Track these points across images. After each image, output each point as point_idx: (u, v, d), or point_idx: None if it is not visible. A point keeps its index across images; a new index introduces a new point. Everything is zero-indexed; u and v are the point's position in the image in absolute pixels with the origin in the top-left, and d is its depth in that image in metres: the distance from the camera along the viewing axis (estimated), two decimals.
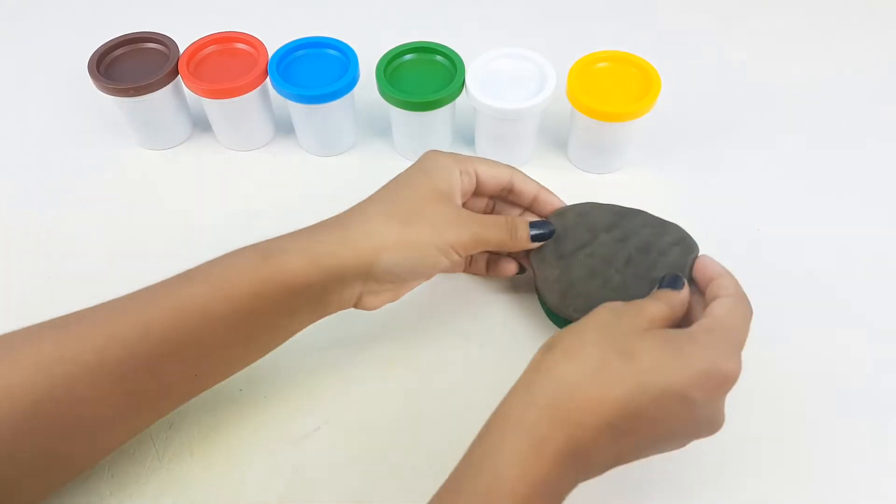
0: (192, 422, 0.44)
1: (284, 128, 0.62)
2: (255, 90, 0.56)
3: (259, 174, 0.59)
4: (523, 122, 0.55)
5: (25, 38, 0.72)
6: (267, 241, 0.40)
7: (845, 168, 0.58)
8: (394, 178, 0.44)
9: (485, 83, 0.55)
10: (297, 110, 0.57)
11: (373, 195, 0.43)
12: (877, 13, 0.72)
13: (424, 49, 0.57)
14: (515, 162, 0.58)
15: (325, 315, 0.42)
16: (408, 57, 0.58)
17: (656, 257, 0.44)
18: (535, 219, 0.46)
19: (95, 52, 0.57)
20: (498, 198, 0.49)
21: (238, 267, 0.39)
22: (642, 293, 0.43)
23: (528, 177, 0.48)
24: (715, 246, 0.53)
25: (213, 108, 0.58)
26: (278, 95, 0.56)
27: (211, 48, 0.59)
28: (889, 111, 0.63)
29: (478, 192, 0.46)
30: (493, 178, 0.46)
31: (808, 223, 0.55)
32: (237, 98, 0.56)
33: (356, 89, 0.57)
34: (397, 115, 0.56)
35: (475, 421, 0.44)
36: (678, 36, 0.70)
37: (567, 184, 0.57)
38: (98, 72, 0.56)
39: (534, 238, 0.45)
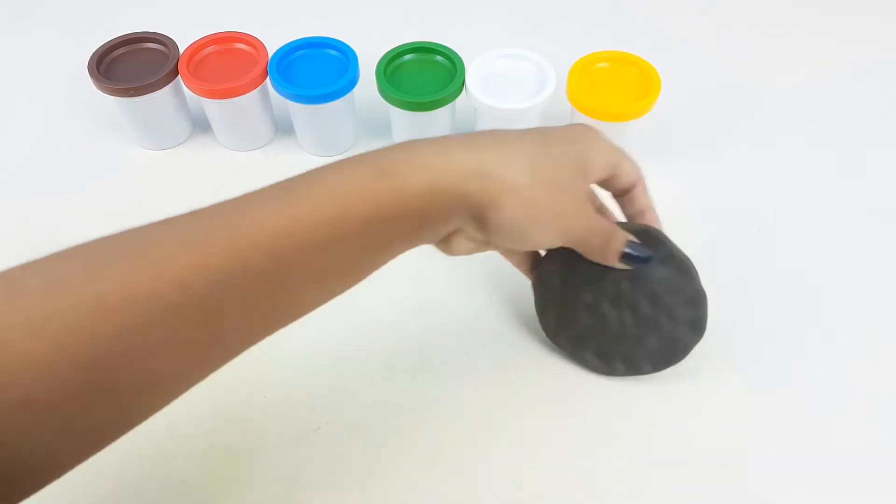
0: (193, 422, 0.44)
1: (284, 128, 0.62)
2: (255, 90, 0.56)
3: (259, 174, 0.59)
4: (523, 122, 0.55)
5: (25, 38, 0.72)
6: (377, 153, 0.34)
7: (845, 168, 0.58)
8: (554, 130, 0.38)
9: (485, 83, 0.55)
10: (297, 110, 0.57)
11: (513, 137, 0.37)
12: (877, 13, 0.72)
13: (424, 49, 0.57)
14: None
15: (414, 247, 0.36)
16: (408, 57, 0.58)
17: (662, 318, 0.42)
18: (630, 237, 0.40)
19: (95, 52, 0.57)
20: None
21: (350, 184, 0.33)
22: (637, 350, 0.43)
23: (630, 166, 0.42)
24: (715, 246, 0.53)
25: (213, 108, 0.58)
26: (278, 95, 0.56)
27: (211, 48, 0.59)
28: (890, 111, 0.63)
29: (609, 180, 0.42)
30: (613, 164, 0.40)
31: (808, 223, 0.54)
32: (237, 98, 0.56)
33: (356, 89, 0.57)
34: (397, 115, 0.56)
35: (475, 421, 0.45)
36: (678, 36, 0.70)
37: None
38: (98, 72, 0.56)
39: (624, 258, 0.40)
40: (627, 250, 0.39)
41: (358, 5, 0.74)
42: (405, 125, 0.57)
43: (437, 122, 0.56)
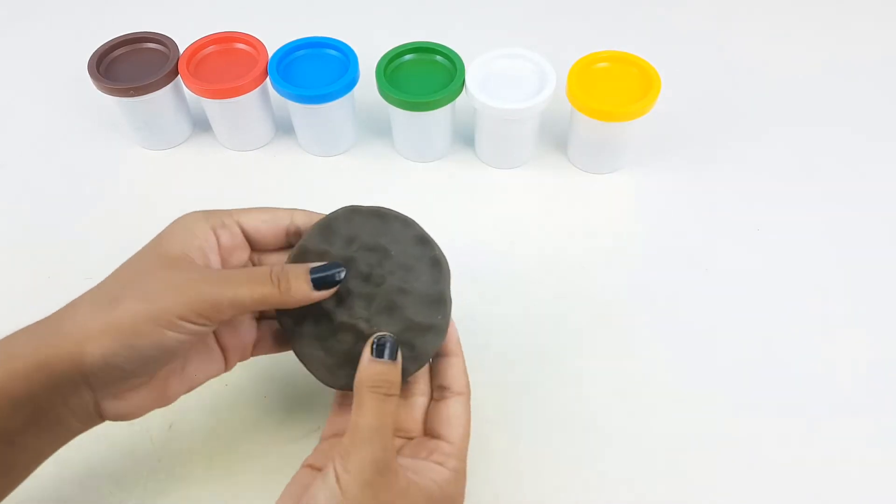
0: (193, 422, 0.44)
1: (284, 128, 0.62)
2: (255, 90, 0.56)
3: (259, 174, 0.59)
4: (523, 122, 0.55)
5: (25, 38, 0.72)
6: None
7: (845, 168, 0.58)
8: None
9: (485, 83, 0.55)
10: (296, 110, 0.57)
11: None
12: (877, 13, 0.72)
13: (424, 49, 0.57)
14: (515, 162, 0.59)
15: (70, 436, 0.34)
16: (408, 57, 0.58)
17: (407, 304, 0.38)
18: (310, 265, 0.36)
19: (95, 52, 0.57)
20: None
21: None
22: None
23: (317, 214, 0.40)
24: (715, 246, 0.53)
25: (213, 108, 0.58)
26: (278, 95, 0.56)
27: (211, 48, 0.59)
28: (890, 110, 0.63)
29: (256, 247, 0.39)
30: (266, 225, 0.38)
31: (808, 223, 0.54)
32: (237, 98, 0.56)
33: (356, 89, 0.57)
34: (397, 115, 0.56)
35: (475, 420, 0.44)
36: (678, 36, 0.70)
37: (567, 184, 0.58)
38: (98, 72, 0.56)
39: (317, 283, 0.36)
40: (316, 275, 0.36)
41: (358, 5, 0.74)
42: (405, 125, 0.57)
43: (437, 122, 0.56)
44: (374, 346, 0.35)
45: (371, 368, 0.35)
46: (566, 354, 0.47)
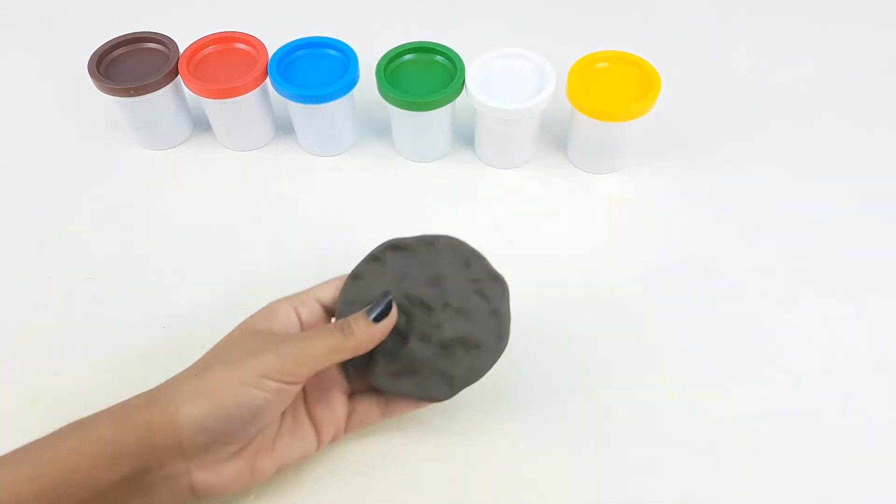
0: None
1: (284, 128, 0.62)
2: (255, 90, 0.56)
3: (259, 174, 0.59)
4: (523, 123, 0.55)
5: (25, 38, 0.72)
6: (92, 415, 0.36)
7: (846, 168, 0.58)
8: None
9: (485, 83, 0.55)
10: (296, 110, 0.57)
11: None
12: (876, 12, 0.72)
13: (424, 49, 0.57)
14: (515, 162, 0.59)
15: None
16: (408, 57, 0.58)
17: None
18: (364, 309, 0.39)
19: (95, 52, 0.57)
20: None
21: (47, 440, 0.34)
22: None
23: None
24: (715, 246, 0.53)
25: (213, 108, 0.58)
26: (278, 95, 0.56)
27: (211, 48, 0.59)
28: (890, 110, 0.63)
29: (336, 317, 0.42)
30: (335, 289, 0.42)
31: (808, 223, 0.55)
32: (237, 98, 0.56)
33: (356, 89, 0.57)
34: (397, 115, 0.56)
35: (475, 421, 0.45)
36: (678, 36, 0.70)
37: (567, 184, 0.58)
38: (98, 72, 0.56)
39: (376, 319, 0.38)
40: (373, 314, 0.39)
41: (358, 5, 0.74)
42: (405, 125, 0.57)
43: (437, 122, 0.56)
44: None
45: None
46: (566, 353, 0.47)
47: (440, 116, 0.56)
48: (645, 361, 0.47)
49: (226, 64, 0.58)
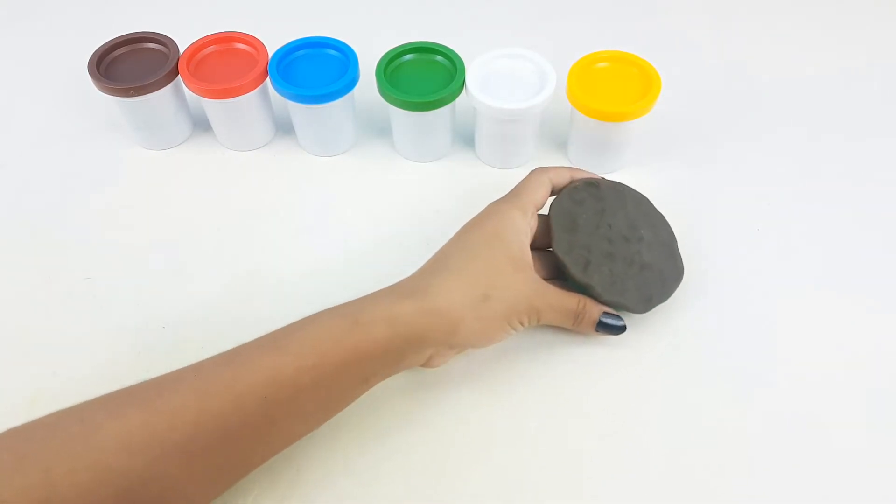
0: None
1: (284, 128, 0.62)
2: (255, 90, 0.56)
3: (259, 174, 0.59)
4: (523, 123, 0.55)
5: (25, 38, 0.72)
6: (349, 305, 0.41)
7: (846, 168, 0.58)
8: (468, 238, 0.44)
9: (485, 83, 0.55)
10: (296, 110, 0.57)
11: (449, 258, 0.43)
12: (876, 12, 0.72)
13: (424, 49, 0.57)
14: (515, 162, 0.59)
15: (394, 374, 0.43)
16: (408, 57, 0.58)
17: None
18: (605, 308, 0.46)
19: (95, 52, 0.57)
20: None
21: (326, 335, 0.39)
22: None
23: (557, 169, 0.49)
24: (715, 246, 0.53)
25: (213, 108, 0.58)
26: (278, 95, 0.56)
27: (211, 48, 0.59)
28: (890, 109, 0.63)
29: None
30: (546, 192, 0.48)
31: (808, 223, 0.55)
32: (237, 98, 0.56)
33: (356, 89, 0.57)
34: (397, 115, 0.56)
35: (475, 420, 0.45)
36: (678, 36, 0.70)
37: None
38: (98, 72, 0.56)
39: (599, 328, 0.46)
40: (603, 321, 0.46)
41: (358, 5, 0.74)
42: (405, 125, 0.57)
43: (437, 122, 0.56)
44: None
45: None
46: (567, 349, 0.47)
47: (440, 116, 0.56)
48: (644, 361, 0.47)
49: (226, 64, 0.58)
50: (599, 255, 0.46)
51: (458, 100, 0.55)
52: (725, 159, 0.59)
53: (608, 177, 0.58)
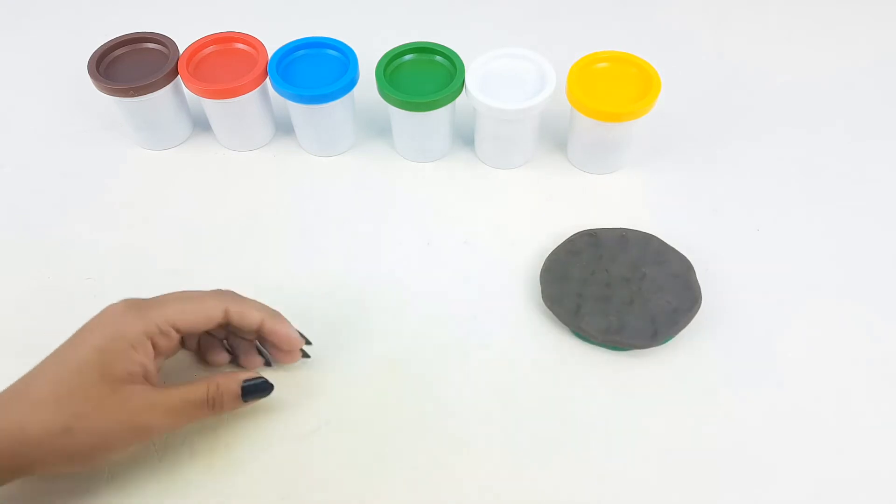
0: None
1: (284, 128, 0.62)
2: (254, 90, 0.56)
3: (259, 174, 0.59)
4: (523, 123, 0.55)
5: (25, 38, 0.72)
6: None
7: (845, 168, 0.58)
8: (61, 356, 0.39)
9: (485, 83, 0.55)
10: (296, 110, 0.57)
11: (32, 382, 0.38)
12: (876, 12, 0.72)
13: (424, 49, 0.57)
14: (515, 162, 0.59)
15: None
16: (408, 57, 0.58)
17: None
18: (247, 374, 0.42)
19: (95, 52, 0.57)
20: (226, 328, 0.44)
21: None
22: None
23: (248, 305, 0.43)
24: (715, 246, 0.53)
25: (213, 108, 0.58)
26: (278, 95, 0.56)
27: (211, 48, 0.59)
28: (889, 109, 0.63)
29: (188, 336, 0.43)
30: (199, 319, 0.41)
31: (808, 223, 0.55)
32: (237, 98, 0.56)
33: (356, 89, 0.57)
34: (397, 115, 0.56)
35: (475, 420, 0.45)
36: (678, 36, 0.70)
37: (567, 184, 0.58)
38: (98, 72, 0.56)
39: (247, 397, 0.41)
40: (246, 386, 0.41)
41: (358, 5, 0.74)
42: (405, 125, 0.57)
43: (437, 122, 0.56)
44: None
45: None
46: (567, 350, 0.47)
47: (440, 116, 0.56)
48: (644, 361, 0.47)
49: (226, 64, 0.58)
50: (592, 300, 0.47)
51: (457, 100, 0.55)
52: (725, 159, 0.59)
53: (608, 176, 0.58)
